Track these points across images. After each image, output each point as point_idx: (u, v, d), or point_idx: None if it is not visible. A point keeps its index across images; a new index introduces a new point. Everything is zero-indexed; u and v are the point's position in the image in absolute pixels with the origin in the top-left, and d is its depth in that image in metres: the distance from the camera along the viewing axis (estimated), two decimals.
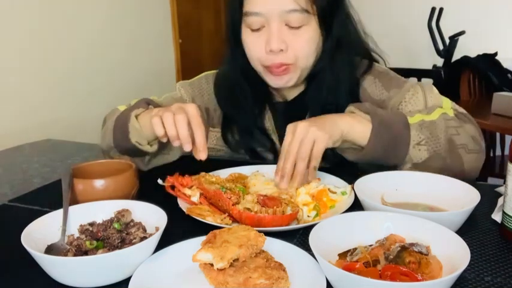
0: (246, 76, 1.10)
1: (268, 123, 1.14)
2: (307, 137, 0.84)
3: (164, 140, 0.86)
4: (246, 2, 1.00)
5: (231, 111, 1.14)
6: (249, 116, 1.12)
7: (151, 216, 0.70)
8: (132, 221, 0.72)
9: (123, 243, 0.66)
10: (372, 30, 1.11)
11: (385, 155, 0.90)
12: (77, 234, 0.70)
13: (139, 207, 0.73)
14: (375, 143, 0.88)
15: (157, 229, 0.66)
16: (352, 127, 0.89)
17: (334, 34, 1.03)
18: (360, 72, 1.08)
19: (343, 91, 1.04)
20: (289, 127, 0.88)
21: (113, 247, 0.66)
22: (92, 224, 0.70)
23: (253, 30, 1.00)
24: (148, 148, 0.96)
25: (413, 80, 3.15)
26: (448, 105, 1.00)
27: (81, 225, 0.70)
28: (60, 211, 0.71)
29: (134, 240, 0.66)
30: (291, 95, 1.14)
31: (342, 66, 1.04)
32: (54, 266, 0.60)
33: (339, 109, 0.99)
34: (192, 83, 1.21)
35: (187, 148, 0.83)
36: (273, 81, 1.04)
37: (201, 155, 0.83)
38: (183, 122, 0.82)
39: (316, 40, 1.01)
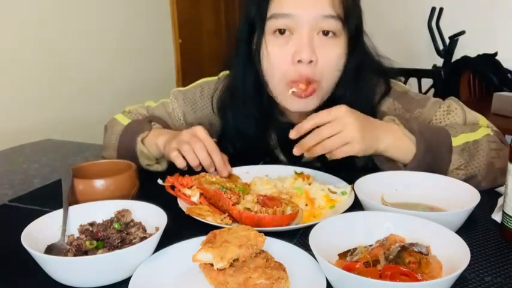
0: (255, 95, 1.00)
1: (273, 140, 1.08)
2: (344, 134, 0.80)
3: (184, 169, 0.90)
4: (274, 2, 0.89)
5: (233, 129, 1.05)
6: (253, 137, 1.04)
7: (151, 216, 0.70)
8: (132, 221, 0.72)
9: (123, 243, 0.66)
10: (372, 30, 1.11)
11: None
12: (77, 234, 0.69)
13: (139, 207, 0.73)
14: (416, 167, 0.84)
15: (157, 229, 0.66)
16: (394, 147, 0.85)
17: (357, 56, 0.95)
18: (377, 98, 1.01)
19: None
20: (340, 108, 0.82)
21: (113, 247, 0.66)
22: (92, 224, 0.70)
23: (275, 33, 0.90)
24: (157, 167, 1.00)
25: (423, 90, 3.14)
26: (484, 123, 0.95)
27: (81, 225, 0.70)
28: (60, 211, 0.71)
29: (134, 240, 0.66)
30: (299, 117, 1.01)
31: (364, 94, 0.97)
32: (54, 266, 0.59)
33: None
34: (186, 95, 1.13)
35: (211, 172, 0.89)
36: (293, 103, 0.94)
37: (223, 173, 0.90)
38: (203, 151, 0.87)
39: (343, 58, 0.93)
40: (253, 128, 1.04)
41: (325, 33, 0.90)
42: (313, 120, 0.82)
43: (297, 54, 0.88)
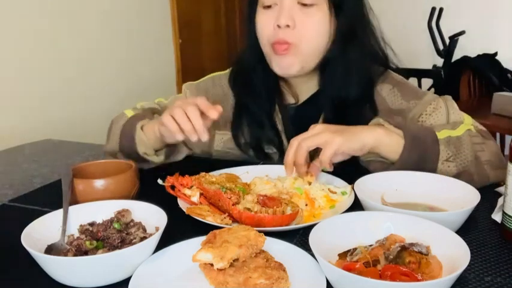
0: (261, 62, 1.09)
1: (278, 124, 1.12)
2: (319, 136, 0.85)
3: (180, 138, 0.87)
4: None
5: (244, 99, 1.13)
6: (262, 107, 1.11)
7: (152, 216, 0.70)
8: (132, 221, 0.72)
9: (123, 243, 0.66)
10: None
11: (415, 170, 0.88)
12: (77, 234, 0.70)
13: (139, 207, 0.73)
14: (407, 159, 0.86)
15: (157, 229, 0.66)
16: (382, 141, 0.87)
17: (345, 22, 1.01)
18: (374, 75, 1.06)
19: (355, 84, 1.02)
20: (311, 126, 0.89)
21: (113, 247, 0.66)
22: (92, 224, 0.70)
23: (265, 8, 1.02)
24: (155, 158, 1.01)
25: (425, 88, 3.15)
26: (469, 122, 0.98)
27: (81, 225, 0.70)
28: (60, 211, 0.71)
29: (134, 240, 0.66)
30: (304, 93, 1.12)
31: (354, 58, 1.02)
32: (54, 266, 0.60)
33: (350, 103, 1.00)
34: (198, 85, 1.21)
35: (205, 138, 0.86)
36: (276, 62, 1.03)
37: (213, 114, 0.87)
38: (195, 112, 0.85)
39: (325, 24, 1.00)
40: (261, 104, 1.10)
41: (305, 2, 0.99)
42: (291, 147, 0.88)
43: (276, 20, 0.99)
